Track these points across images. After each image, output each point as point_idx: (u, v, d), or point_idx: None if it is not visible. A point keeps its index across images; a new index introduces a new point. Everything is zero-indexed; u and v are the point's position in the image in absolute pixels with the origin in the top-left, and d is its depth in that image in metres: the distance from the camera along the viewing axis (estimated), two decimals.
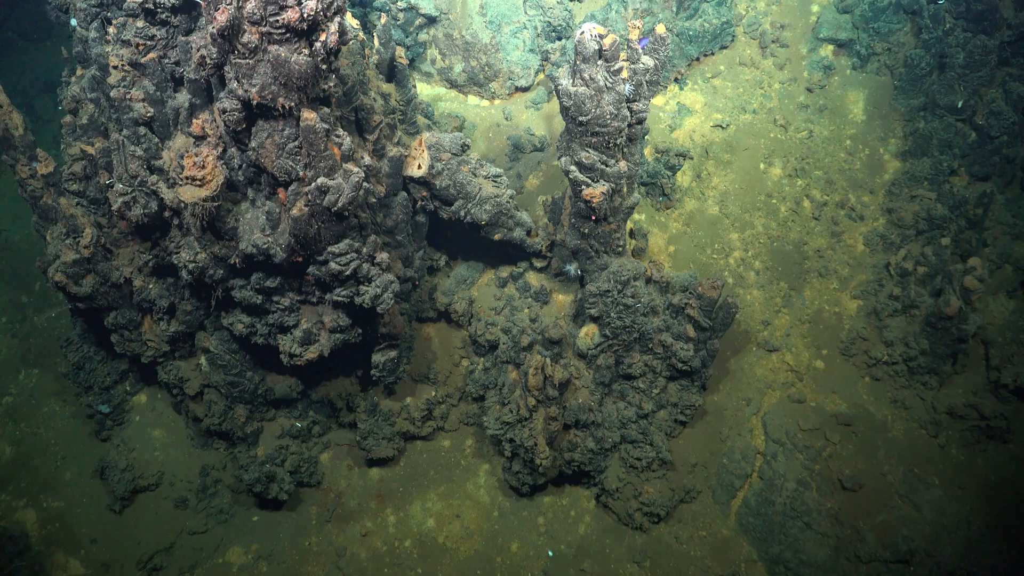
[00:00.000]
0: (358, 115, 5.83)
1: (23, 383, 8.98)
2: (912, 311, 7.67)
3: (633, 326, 6.77)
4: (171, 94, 5.68)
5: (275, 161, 5.06)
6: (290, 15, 4.42)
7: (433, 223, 7.04)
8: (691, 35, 8.37)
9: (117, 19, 5.82)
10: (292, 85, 4.70)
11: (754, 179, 8.34)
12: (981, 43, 7.93)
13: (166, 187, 5.57)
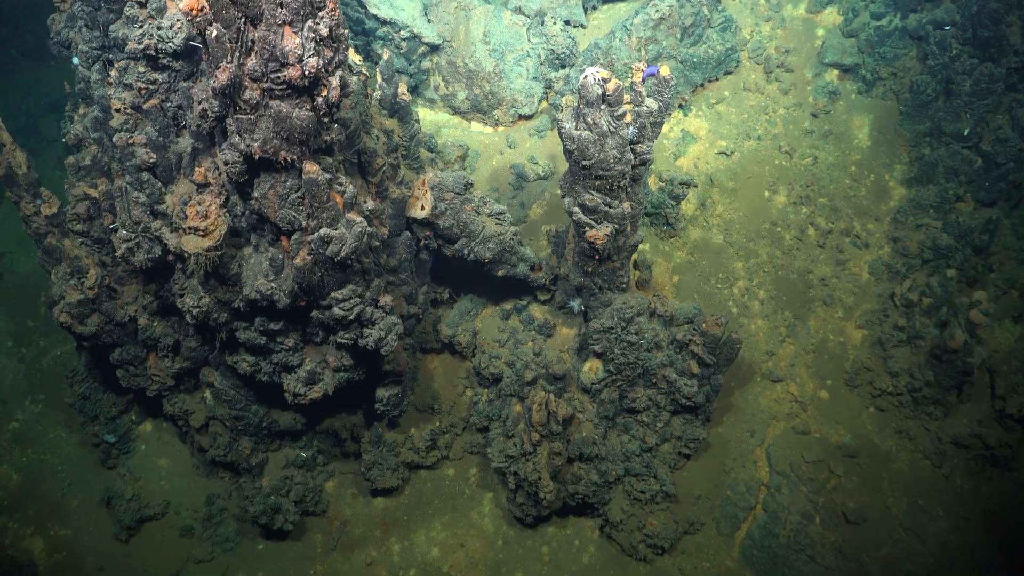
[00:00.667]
0: (360, 158, 5.83)
1: (29, 409, 9.03)
2: (917, 342, 7.64)
3: (637, 362, 6.76)
4: (174, 139, 5.68)
5: (278, 211, 5.06)
6: (291, 73, 4.41)
7: (437, 257, 7.03)
8: (695, 62, 8.33)
9: (119, 62, 5.83)
10: (294, 139, 4.70)
11: (759, 207, 8.31)
12: (988, 71, 7.87)
13: (169, 232, 5.58)
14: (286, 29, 4.38)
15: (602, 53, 8.04)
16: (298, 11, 4.33)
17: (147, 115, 5.49)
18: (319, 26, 4.41)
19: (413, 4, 8.30)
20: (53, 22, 6.94)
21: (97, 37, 5.89)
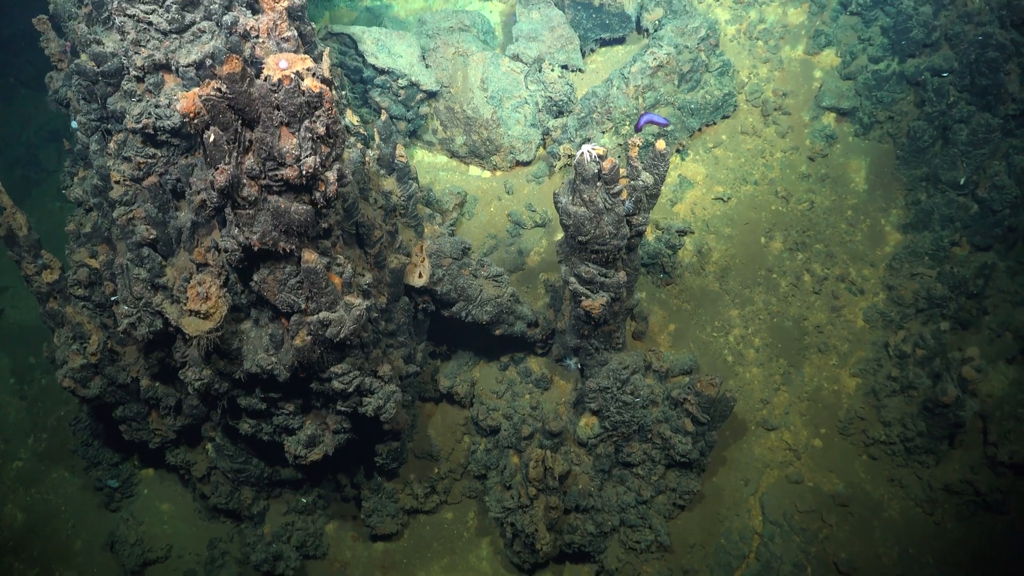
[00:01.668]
0: (359, 230, 5.88)
1: (32, 447, 9.14)
2: (910, 392, 7.72)
3: (632, 420, 6.85)
4: (173, 214, 5.73)
5: (277, 295, 5.13)
6: (289, 172, 4.45)
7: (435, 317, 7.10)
8: (692, 108, 8.34)
9: (118, 134, 5.87)
10: (292, 231, 4.75)
11: (755, 253, 8.36)
12: (985, 121, 7.89)
13: (170, 305, 5.65)
14: (283, 130, 4.42)
15: (600, 101, 8.06)
16: (295, 113, 4.37)
17: (147, 192, 5.53)
18: (316, 125, 4.45)
19: (411, 50, 8.30)
20: (51, 80, 6.95)
21: (95, 109, 5.92)
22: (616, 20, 8.56)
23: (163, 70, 5.65)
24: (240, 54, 5.79)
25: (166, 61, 5.60)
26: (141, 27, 5.53)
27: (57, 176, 11.62)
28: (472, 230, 8.47)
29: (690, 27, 8.22)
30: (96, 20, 5.94)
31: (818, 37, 8.91)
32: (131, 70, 5.58)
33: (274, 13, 5.47)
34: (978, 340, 8.30)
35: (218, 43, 5.64)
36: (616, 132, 8.18)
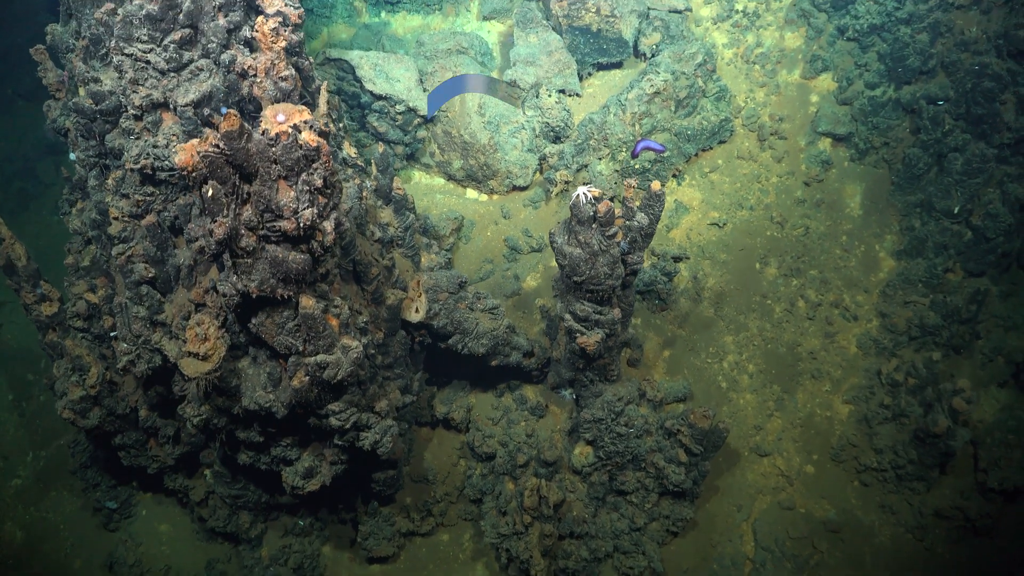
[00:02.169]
0: (356, 267, 5.92)
1: (31, 465, 9.19)
2: (902, 419, 7.80)
3: (627, 451, 6.92)
4: (172, 251, 5.77)
5: (275, 338, 5.17)
6: (287, 225, 4.49)
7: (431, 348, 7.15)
8: (689, 134, 8.38)
9: (116, 171, 5.90)
10: (290, 279, 4.80)
11: (749, 279, 8.41)
12: (980, 151, 7.94)
13: (168, 342, 5.69)
14: (281, 183, 4.46)
15: (596, 128, 8.09)
16: (292, 167, 4.40)
17: (146, 231, 5.56)
18: (313, 177, 4.49)
19: (409, 74, 8.32)
20: (48, 108, 6.97)
21: (93, 146, 5.95)
22: (613, 45, 8.58)
23: (161, 108, 5.69)
24: (238, 91, 5.83)
25: (164, 100, 5.64)
26: (139, 66, 5.56)
27: (55, 189, 11.62)
28: (469, 254, 8.52)
29: (687, 53, 8.24)
30: (93, 55, 5.97)
31: (815, 62, 8.94)
32: (129, 108, 5.62)
33: (272, 53, 5.51)
34: (970, 364, 8.38)
35: (216, 81, 5.67)
36: (613, 158, 8.21)
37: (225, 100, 5.74)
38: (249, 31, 5.71)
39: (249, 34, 5.71)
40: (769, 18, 9.16)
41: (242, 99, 5.85)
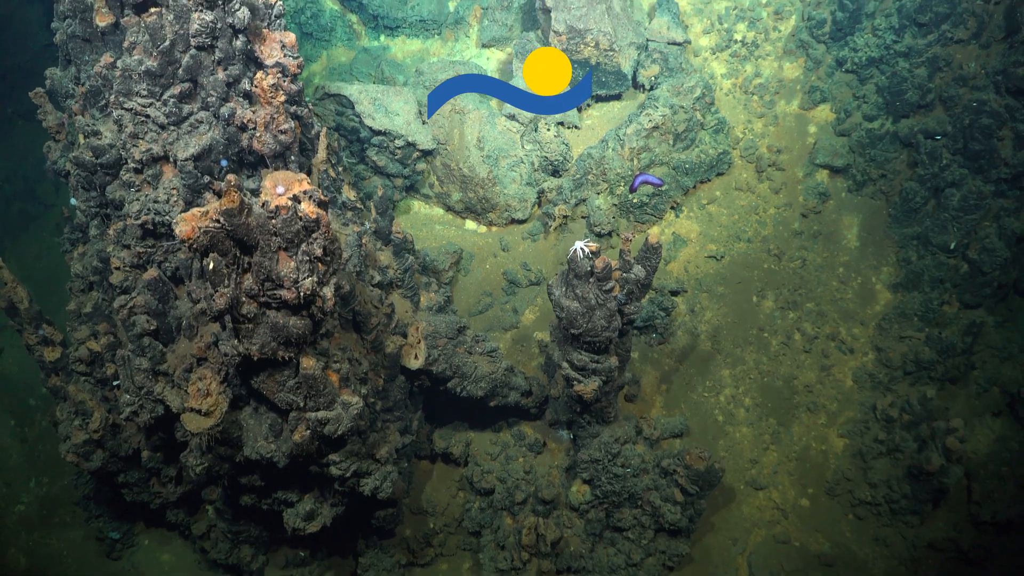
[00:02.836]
0: (356, 317, 5.97)
1: (34, 491, 9.28)
2: (896, 454, 7.88)
3: (623, 490, 7.00)
4: (173, 303, 5.82)
5: (276, 394, 5.24)
6: (287, 295, 4.54)
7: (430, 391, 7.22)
8: (687, 168, 8.40)
9: (117, 222, 5.94)
10: (291, 342, 4.85)
11: (746, 312, 8.47)
12: (977, 188, 7.97)
13: (171, 393, 5.75)
14: (281, 254, 4.50)
15: (595, 163, 8.11)
16: (292, 239, 4.45)
17: (147, 285, 5.61)
18: (313, 247, 4.53)
19: (408, 107, 8.33)
20: (49, 150, 7.00)
21: (94, 197, 5.98)
22: (612, 78, 8.59)
23: (162, 161, 5.72)
24: (238, 143, 5.87)
25: (164, 153, 5.68)
26: (139, 120, 5.59)
27: (55, 210, 11.64)
28: (468, 287, 8.57)
29: (685, 86, 8.25)
30: (93, 104, 6.00)
31: (813, 93, 8.95)
32: (129, 162, 5.65)
33: (271, 107, 5.54)
34: (966, 394, 8.45)
35: (216, 134, 5.71)
36: (611, 192, 8.24)
37: (225, 152, 5.77)
38: (248, 84, 5.74)
39: (248, 87, 5.73)
40: (768, 48, 9.16)
41: (242, 150, 5.89)
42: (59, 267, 8.96)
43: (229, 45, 5.56)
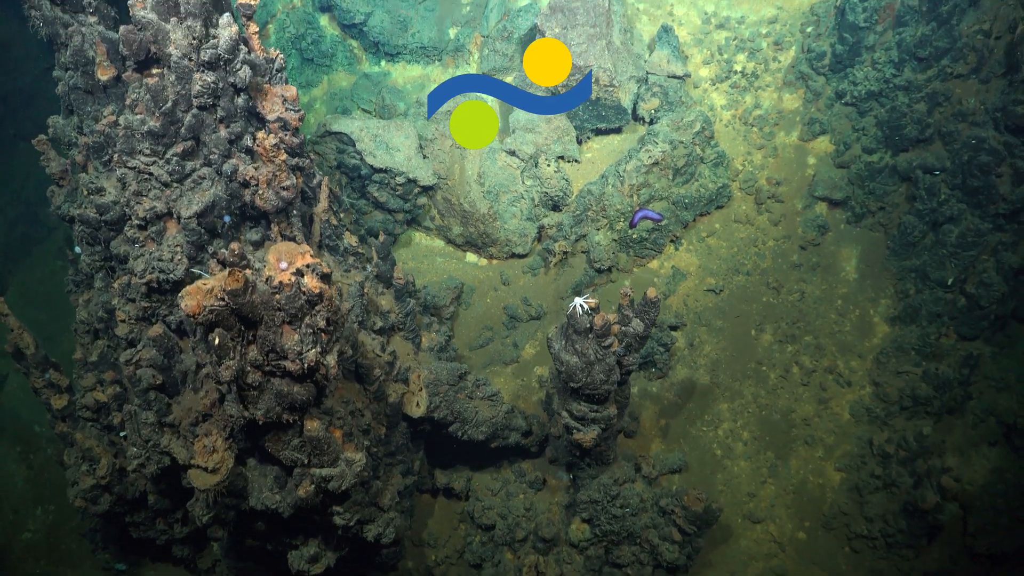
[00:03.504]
0: (358, 369, 6.05)
1: (40, 519, 9.41)
2: (892, 489, 7.97)
3: (622, 529, 7.10)
4: (178, 357, 5.89)
5: (280, 452, 5.32)
6: (291, 366, 4.62)
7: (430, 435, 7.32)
8: (687, 202, 8.45)
9: (121, 277, 6.00)
10: (296, 408, 4.93)
11: (745, 346, 8.54)
12: (975, 226, 8.02)
13: (178, 446, 5.84)
14: (285, 327, 4.57)
15: (595, 199, 8.16)
16: (296, 313, 4.51)
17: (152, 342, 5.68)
18: (316, 319, 4.60)
19: (408, 142, 8.37)
20: (52, 195, 7.04)
21: (99, 251, 6.05)
22: (612, 112, 8.62)
23: (165, 217, 5.78)
24: (240, 198, 5.92)
25: (168, 210, 5.73)
26: (142, 178, 5.64)
27: (58, 233, 11.71)
28: (469, 320, 8.64)
29: (685, 121, 8.28)
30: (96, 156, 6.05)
31: (813, 124, 8.98)
32: (133, 219, 5.71)
33: (273, 165, 5.59)
34: (962, 424, 8.54)
35: (218, 190, 5.76)
36: (611, 228, 8.29)
37: (228, 207, 5.83)
38: (250, 140, 5.78)
39: (250, 143, 5.77)
40: (768, 79, 9.18)
41: (244, 205, 5.94)
42: (63, 291, 9.04)
43: (231, 103, 5.61)
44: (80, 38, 5.90)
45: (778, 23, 9.21)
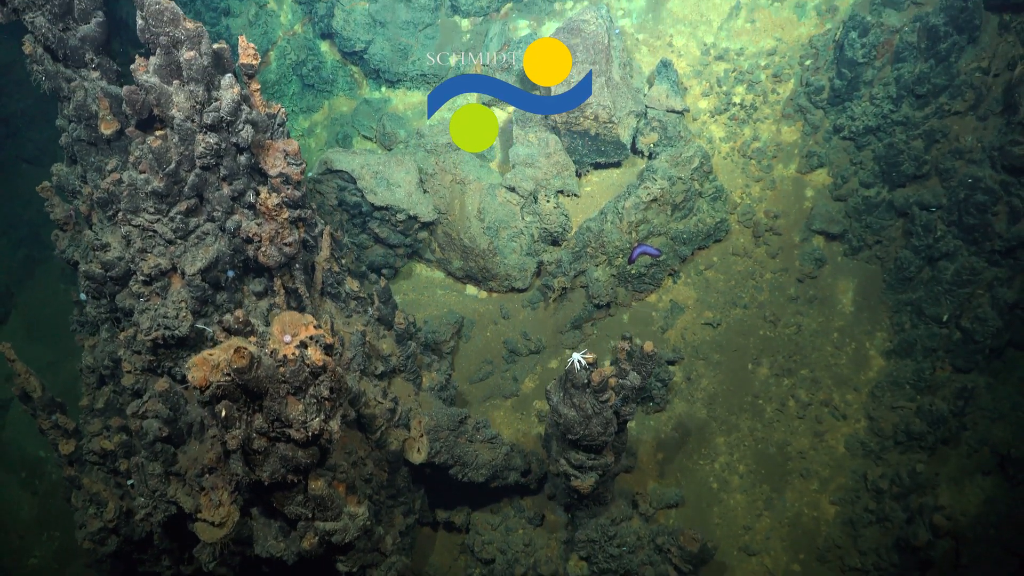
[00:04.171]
0: (361, 419, 6.15)
1: (46, 545, 9.55)
2: (885, 523, 8.10)
3: (620, 567, 7.23)
4: (184, 408, 5.99)
5: (285, 507, 5.43)
6: (295, 435, 4.71)
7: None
8: (685, 237, 8.52)
9: (128, 329, 6.09)
10: (300, 470, 5.03)
11: (742, 379, 8.64)
12: (970, 264, 8.10)
13: (184, 495, 5.96)
14: (289, 398, 4.66)
15: (593, 236, 8.23)
16: (300, 386, 4.61)
17: (159, 396, 5.78)
18: (320, 389, 4.69)
19: (409, 177, 8.43)
20: (57, 238, 7.12)
21: (104, 304, 6.13)
22: (611, 147, 8.67)
23: (170, 273, 5.86)
24: (243, 253, 6.00)
25: (172, 266, 5.81)
26: (146, 235, 5.72)
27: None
28: (469, 353, 8.73)
29: (684, 156, 8.34)
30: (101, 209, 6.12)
31: (811, 157, 9.03)
32: (138, 275, 5.79)
33: (276, 223, 5.67)
34: (957, 455, 8.66)
35: (222, 245, 5.84)
36: (609, 263, 8.37)
37: (231, 262, 5.91)
38: (252, 195, 5.85)
39: (252, 199, 5.85)
40: (766, 111, 9.22)
41: (247, 259, 6.02)
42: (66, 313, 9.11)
43: (233, 162, 5.67)
44: (83, 93, 5.96)
45: (777, 55, 9.24)
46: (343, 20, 9.93)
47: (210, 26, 10.35)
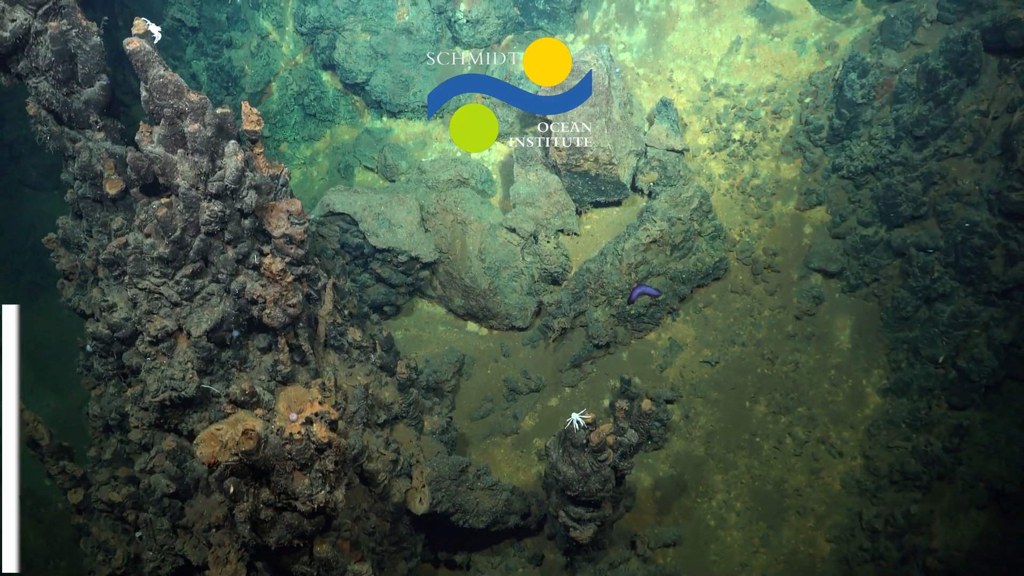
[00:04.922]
0: (363, 475, 6.26)
1: (52, 574, 9.69)
2: (880, 561, 8.23)
3: None
4: (191, 463, 6.10)
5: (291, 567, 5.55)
6: (301, 507, 4.82)
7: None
8: (684, 277, 8.60)
9: (135, 386, 6.19)
10: (305, 536, 5.14)
11: (740, 417, 8.75)
12: (967, 308, 8.18)
13: (191, 549, 6.08)
14: (296, 473, 4.77)
15: (593, 277, 8.31)
16: (305, 463, 4.71)
17: (166, 455, 5.88)
18: (326, 463, 4.80)
19: (411, 216, 8.50)
20: (63, 287, 7.20)
21: (111, 362, 6.22)
22: (611, 187, 8.73)
23: (176, 333, 5.94)
24: (248, 312, 6.09)
25: (178, 327, 5.90)
26: (152, 297, 5.80)
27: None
28: (470, 391, 8.84)
29: (683, 197, 8.40)
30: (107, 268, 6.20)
31: (810, 195, 9.09)
32: (145, 336, 5.88)
33: (279, 286, 5.76)
34: (951, 490, 8.77)
35: (227, 306, 5.92)
36: (609, 304, 8.46)
37: (236, 321, 5.99)
38: (257, 257, 5.93)
39: (256, 260, 5.92)
40: (766, 148, 9.27)
41: (252, 318, 6.11)
42: (70, 340, 9.23)
43: (238, 226, 5.75)
44: (88, 153, 6.03)
45: (777, 91, 9.29)
46: (345, 52, 9.97)
47: (213, 58, 10.39)
